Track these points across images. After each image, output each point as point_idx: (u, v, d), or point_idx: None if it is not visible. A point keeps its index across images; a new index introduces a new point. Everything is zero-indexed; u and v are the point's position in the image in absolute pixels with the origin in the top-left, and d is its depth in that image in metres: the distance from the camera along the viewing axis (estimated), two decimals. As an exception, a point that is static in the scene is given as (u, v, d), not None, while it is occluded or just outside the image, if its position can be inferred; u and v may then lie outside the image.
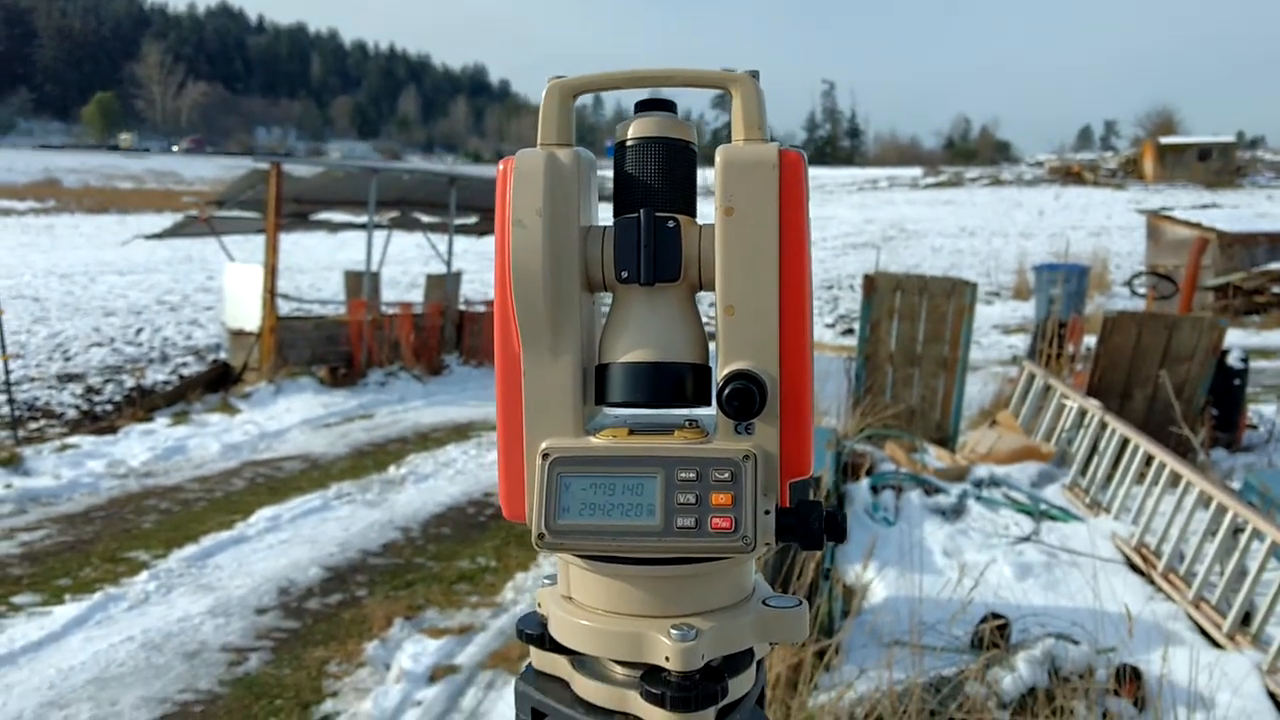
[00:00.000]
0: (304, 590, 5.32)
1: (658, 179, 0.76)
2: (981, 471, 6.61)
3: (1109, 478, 6.27)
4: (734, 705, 0.76)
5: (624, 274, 0.75)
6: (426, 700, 4.12)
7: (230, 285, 11.53)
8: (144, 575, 5.46)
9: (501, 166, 0.75)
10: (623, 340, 0.76)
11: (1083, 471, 6.59)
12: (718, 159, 0.73)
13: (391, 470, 7.94)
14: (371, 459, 8.37)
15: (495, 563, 5.80)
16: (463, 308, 13.68)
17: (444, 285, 13.39)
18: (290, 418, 9.81)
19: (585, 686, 0.78)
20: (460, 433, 9.48)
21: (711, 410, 0.78)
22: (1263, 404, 10.01)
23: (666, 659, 0.72)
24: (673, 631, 0.72)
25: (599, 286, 0.77)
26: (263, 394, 10.50)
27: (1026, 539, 5.48)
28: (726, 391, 0.71)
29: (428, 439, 9.21)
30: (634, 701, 0.75)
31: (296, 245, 25.56)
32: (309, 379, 11.07)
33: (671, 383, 0.75)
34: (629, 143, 0.77)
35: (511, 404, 0.76)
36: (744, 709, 0.77)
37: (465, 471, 7.95)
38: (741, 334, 0.73)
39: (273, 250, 10.98)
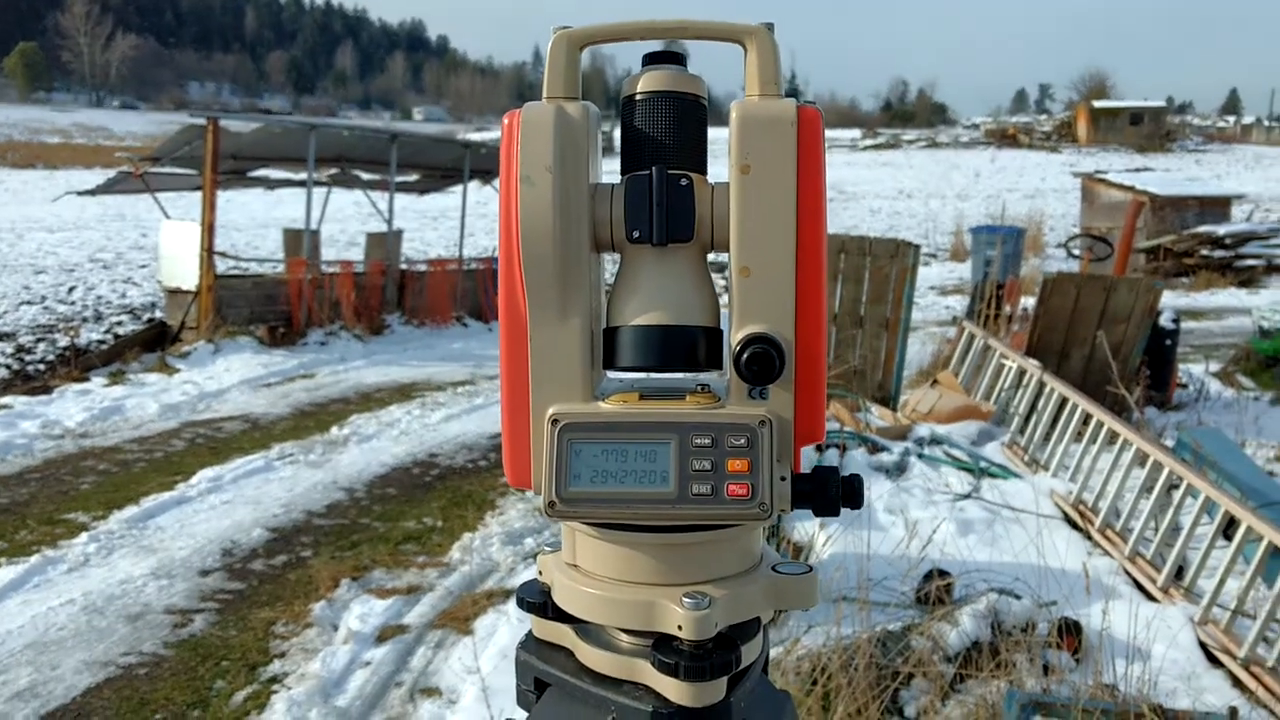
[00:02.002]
0: (248, 551, 5.27)
1: (669, 135, 0.74)
2: (923, 430, 6.70)
3: (1047, 436, 6.39)
4: (743, 673, 0.75)
5: (635, 234, 0.73)
6: (375, 660, 4.10)
7: (166, 243, 11.29)
8: (83, 537, 5.37)
9: (507, 120, 0.72)
10: (633, 302, 0.74)
11: (1021, 430, 6.72)
12: (733, 115, 0.71)
13: (334, 430, 7.86)
14: (313, 419, 8.28)
15: (441, 523, 5.78)
16: (404, 267, 13.54)
17: (385, 244, 13.24)
18: (230, 378, 9.67)
19: (591, 655, 0.77)
20: (403, 393, 9.41)
21: (721, 375, 0.77)
22: (1192, 364, 10.25)
23: (679, 628, 0.71)
24: (685, 600, 0.71)
25: (607, 247, 0.75)
26: (201, 354, 10.33)
27: (968, 496, 5.58)
28: (745, 355, 0.70)
29: (370, 399, 9.13)
30: (643, 670, 0.74)
31: (231, 202, 25.09)
32: (248, 339, 10.91)
33: (684, 346, 0.73)
34: (639, 97, 0.74)
35: (517, 368, 0.74)
36: (752, 676, 0.77)
37: (409, 432, 7.90)
38: (757, 296, 0.72)
39: (210, 207, 10.77)
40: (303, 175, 12.63)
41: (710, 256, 0.77)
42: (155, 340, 10.89)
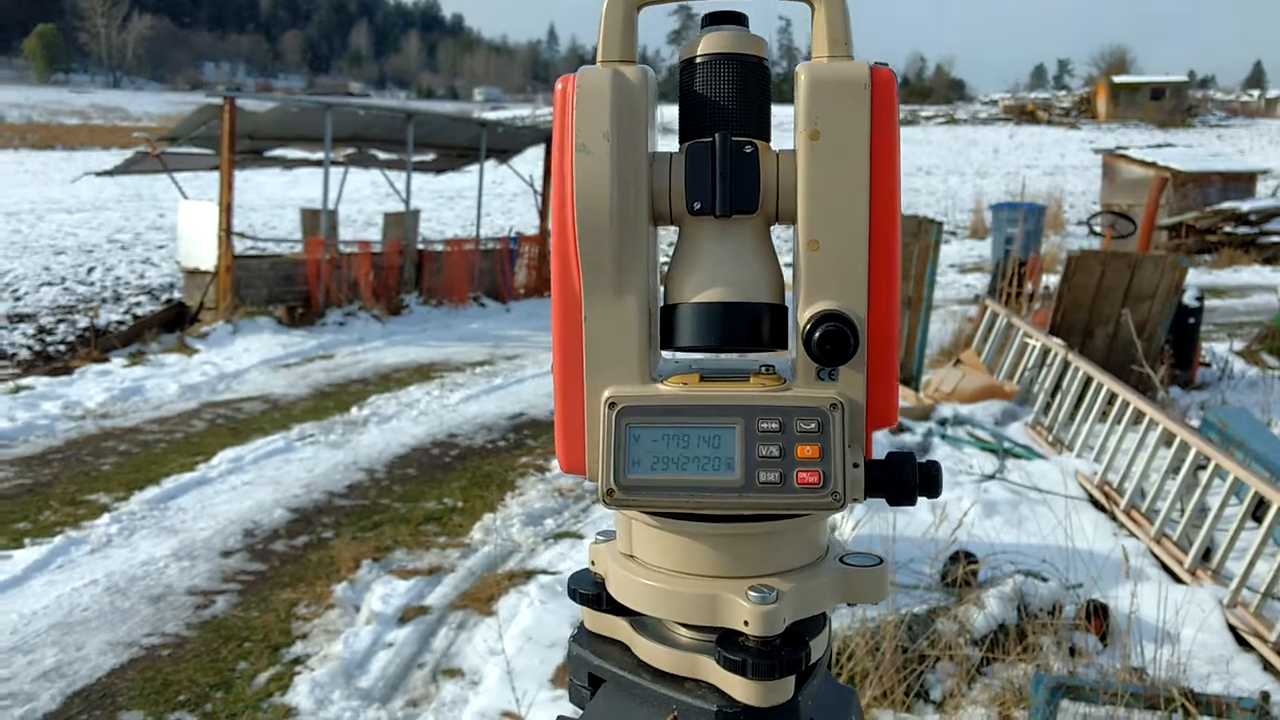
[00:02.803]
0: (269, 532, 5.27)
1: (732, 99, 0.69)
2: (946, 410, 6.65)
3: (1071, 416, 6.33)
4: (811, 670, 0.72)
5: (697, 205, 0.68)
6: (398, 641, 4.10)
7: (184, 223, 11.29)
8: (105, 518, 5.38)
9: (561, 85, 0.68)
10: (693, 278, 0.70)
11: (1045, 410, 6.66)
12: (801, 78, 0.67)
13: (354, 411, 7.86)
14: (333, 400, 8.28)
15: (462, 504, 5.77)
16: (421, 246, 13.51)
17: (402, 223, 13.21)
18: (249, 358, 9.68)
19: (650, 651, 0.73)
20: (422, 373, 9.40)
21: (785, 355, 0.73)
22: (1215, 342, 10.16)
23: (745, 623, 0.67)
24: (751, 594, 0.67)
25: (665, 219, 0.71)
26: (220, 334, 10.34)
27: (991, 477, 5.54)
28: (818, 334, 0.65)
29: (389, 380, 9.12)
30: (706, 668, 0.70)
31: (248, 183, 25.11)
32: (267, 319, 10.92)
33: (747, 324, 0.69)
34: (699, 60, 0.70)
35: (570, 347, 0.70)
36: (819, 673, 0.73)
37: (429, 412, 7.89)
38: (827, 271, 0.67)
39: (227, 187, 10.76)
40: (319, 155, 12.60)
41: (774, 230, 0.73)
42: (174, 321, 10.92)
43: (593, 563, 0.80)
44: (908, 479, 0.69)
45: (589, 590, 0.77)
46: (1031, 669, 3.36)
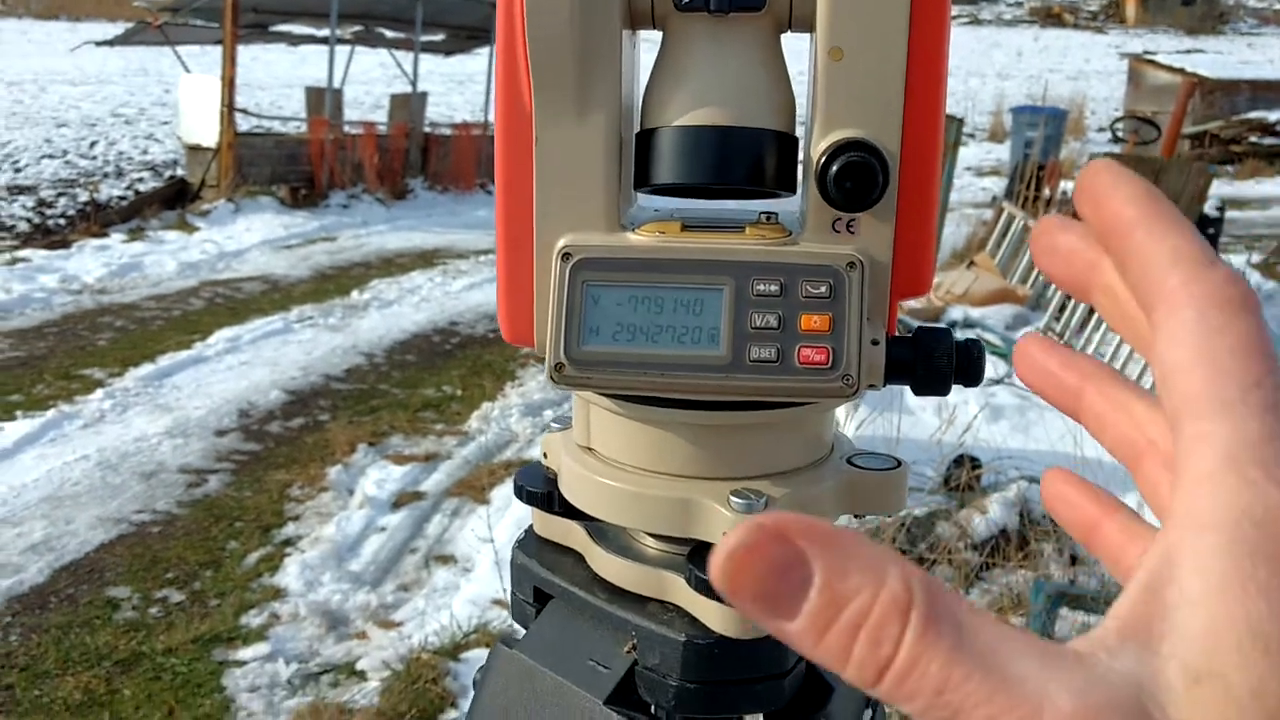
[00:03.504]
0: (265, 413, 5.21)
1: None
2: (956, 313, 6.54)
3: (1084, 323, 6.21)
4: None
5: None
6: (390, 526, 4.06)
7: (186, 98, 11.05)
8: (99, 394, 5.31)
9: None
10: (679, 95, 0.56)
11: (1057, 317, 6.54)
12: None
13: (354, 295, 7.75)
14: (334, 283, 8.17)
15: (461, 391, 5.70)
16: (428, 130, 13.25)
17: (409, 106, 12.94)
18: (250, 237, 9.54)
19: (608, 564, 0.62)
20: (425, 259, 9.27)
21: (790, 201, 0.59)
22: (1233, 254, 9.97)
23: (724, 535, 0.55)
24: (734, 499, 0.55)
25: (645, 18, 0.56)
26: (221, 212, 10.19)
27: (999, 381, 5.44)
28: (836, 167, 0.52)
29: (392, 264, 9.00)
30: (674, 587, 0.59)
31: (255, 61, 24.67)
32: (269, 198, 10.75)
33: (747, 156, 0.55)
34: None
35: (517, 183, 0.57)
36: None
37: (430, 299, 7.78)
38: (852, 87, 0.53)
39: (230, 61, 10.48)
40: (325, 32, 12.28)
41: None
42: (175, 198, 10.74)
43: (544, 455, 0.68)
44: (940, 361, 0.55)
45: (538, 488, 0.65)
46: (1031, 576, 3.30)
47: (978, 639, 0.27)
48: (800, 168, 0.57)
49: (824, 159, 0.53)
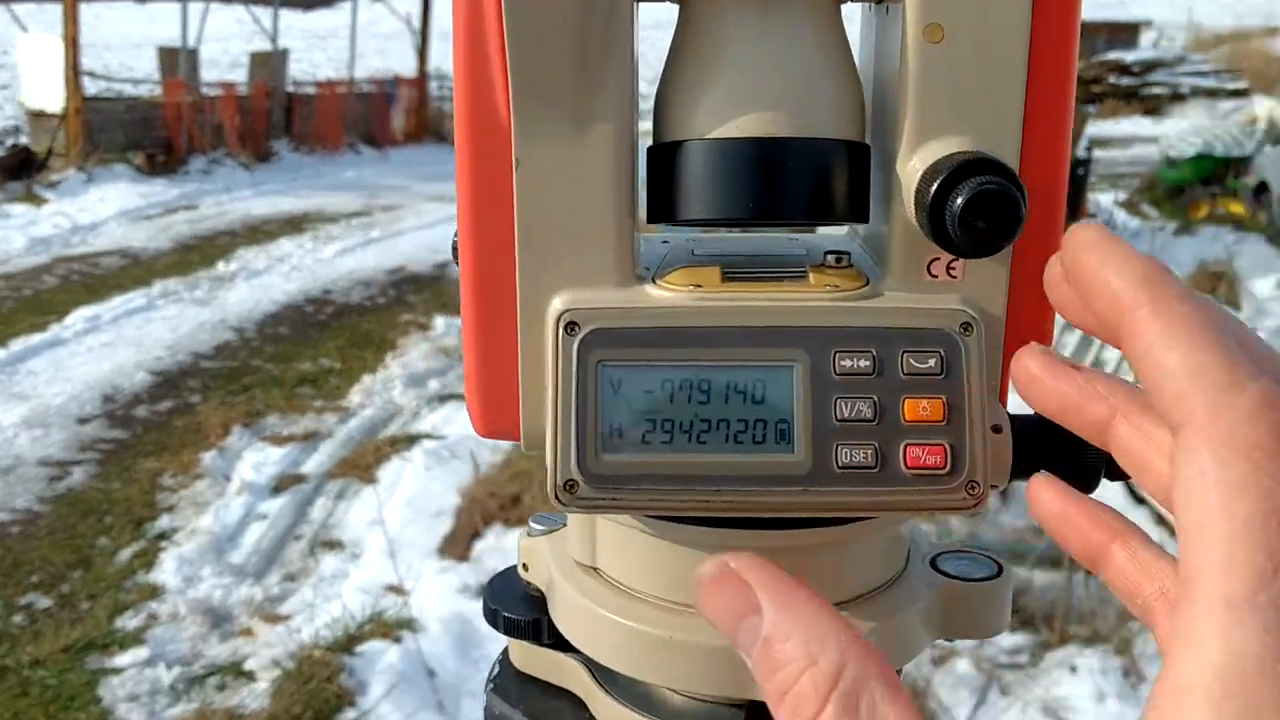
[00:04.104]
0: (130, 397, 4.94)
1: None
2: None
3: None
4: None
5: None
6: (272, 512, 3.88)
7: (25, 59, 10.43)
8: (-54, 384, 4.97)
9: None
10: (710, 95, 0.42)
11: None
12: None
13: (220, 266, 7.42)
14: (198, 254, 7.81)
15: (339, 364, 5.49)
16: (291, 90, 12.79)
17: (270, 64, 12.47)
18: (105, 209, 9.07)
19: (620, 718, 0.47)
20: (294, 225, 8.94)
21: (848, 232, 0.47)
22: (1099, 193, 10.25)
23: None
24: None
25: None
26: (72, 182, 9.66)
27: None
28: (962, 199, 0.37)
29: (259, 232, 8.65)
30: None
31: (99, 19, 23.47)
32: (124, 166, 10.25)
33: (812, 177, 0.41)
34: None
35: (489, 225, 0.42)
36: None
37: (302, 267, 7.50)
38: (957, 80, 0.40)
39: (72, 20, 9.90)
40: (175, -12, 11.71)
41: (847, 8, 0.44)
42: (20, 168, 10.14)
43: (524, 565, 0.53)
44: (1089, 452, 0.41)
45: (520, 614, 0.51)
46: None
47: None
48: (873, 186, 0.44)
49: (935, 184, 0.39)
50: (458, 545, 3.52)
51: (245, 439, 4.49)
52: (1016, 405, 0.43)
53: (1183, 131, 12.55)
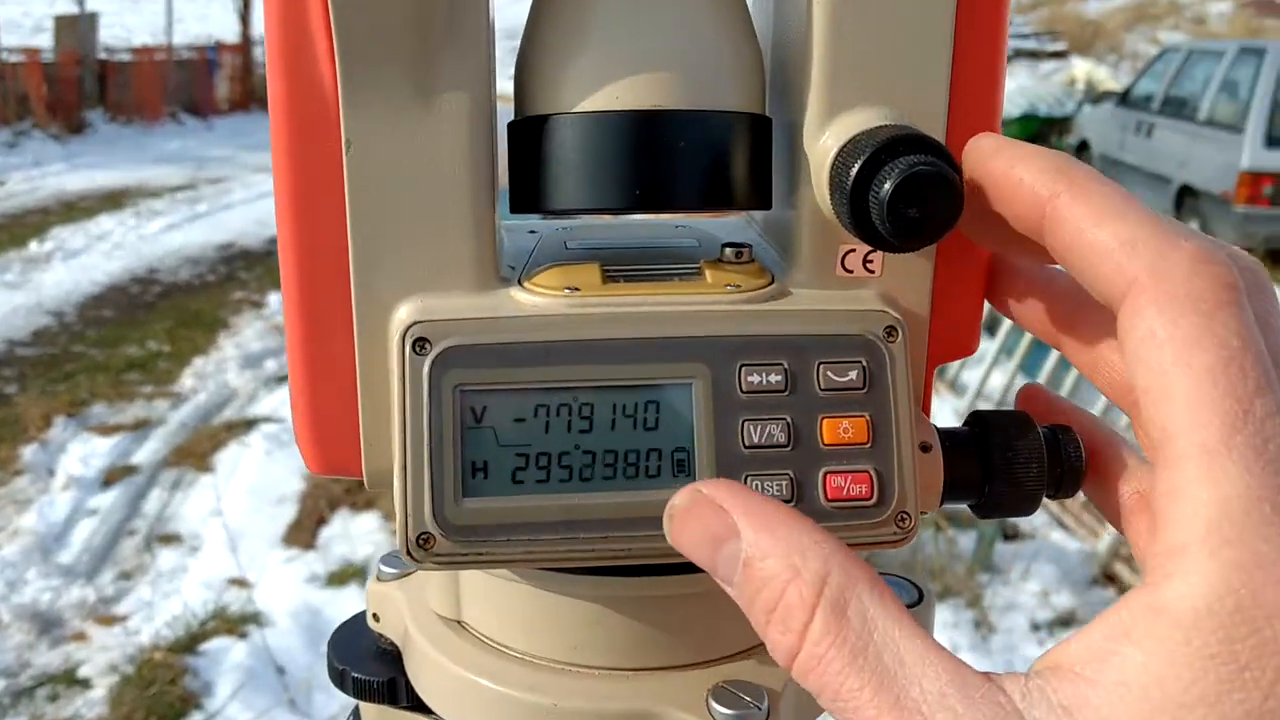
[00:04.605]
0: (-62, 390, 4.62)
1: None
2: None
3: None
4: None
5: None
6: (102, 508, 3.68)
7: None
8: None
9: None
10: (582, 59, 0.36)
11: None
12: None
13: (33, 246, 6.99)
14: (7, 233, 7.35)
15: (168, 347, 5.24)
16: (104, 56, 12.14)
17: (77, 28, 11.80)
18: (-101, 187, 8.45)
19: None
20: (114, 200, 8.50)
21: (733, 220, 0.42)
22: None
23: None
24: (716, 707, 0.37)
25: None
26: None
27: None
28: (892, 183, 0.32)
29: (75, 208, 8.19)
30: None
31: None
32: (-82, 140, 9.56)
33: (701, 158, 0.36)
34: None
35: (317, 221, 0.35)
36: None
37: (124, 245, 7.13)
38: (878, 43, 0.35)
39: None
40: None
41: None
42: None
43: (374, 615, 0.47)
44: (1027, 470, 0.37)
45: (372, 674, 0.45)
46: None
47: (885, 650, 0.27)
48: (775, 166, 0.38)
49: (856, 165, 0.33)
50: (303, 533, 3.41)
51: (69, 430, 4.25)
52: (938, 418, 0.39)
53: (1009, 93, 13.01)
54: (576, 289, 0.36)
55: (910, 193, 0.32)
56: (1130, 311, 0.27)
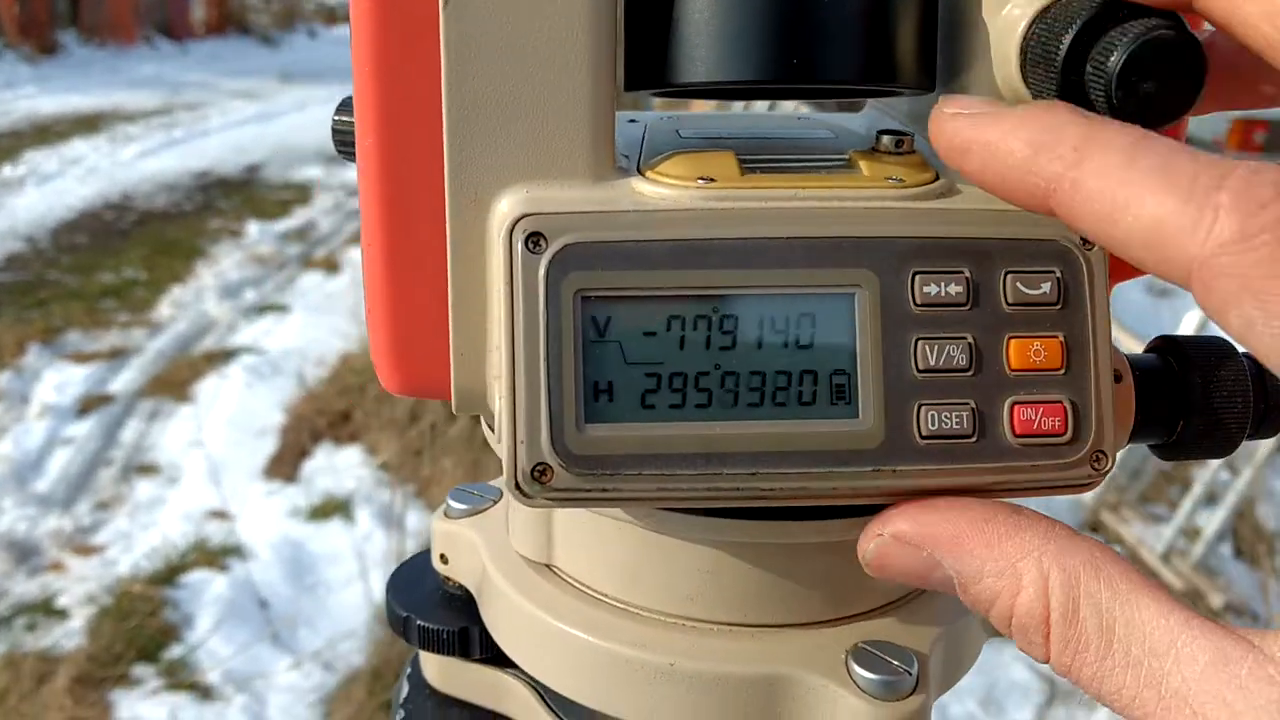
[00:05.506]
0: (-92, 315, 4.52)
1: None
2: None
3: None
4: None
5: None
6: (79, 437, 3.61)
7: None
8: None
9: None
10: None
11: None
12: None
13: (5, 170, 6.84)
14: (-22, 156, 7.18)
15: (145, 275, 5.14)
16: (75, -25, 11.83)
17: (49, -53, 11.46)
18: None
19: None
20: (88, 124, 8.31)
21: (864, 116, 0.36)
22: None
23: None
24: (859, 671, 0.32)
25: None
26: None
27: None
28: (1128, 51, 0.26)
29: (48, 132, 8.00)
30: None
31: None
32: (-115, 58, 9.31)
33: (864, 21, 0.30)
34: None
35: (404, 93, 0.30)
36: None
37: (98, 170, 6.98)
38: None
39: None
40: None
41: None
42: None
43: (442, 557, 0.41)
44: (1230, 405, 0.32)
45: (441, 622, 0.40)
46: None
47: (1132, 642, 0.25)
48: (943, 41, 0.32)
49: (1071, 32, 0.27)
50: (285, 466, 3.36)
51: (44, 358, 4.17)
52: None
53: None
54: (712, 179, 0.30)
55: (1147, 64, 0.27)
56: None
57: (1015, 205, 0.27)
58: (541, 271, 0.29)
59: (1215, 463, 2.58)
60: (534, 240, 0.29)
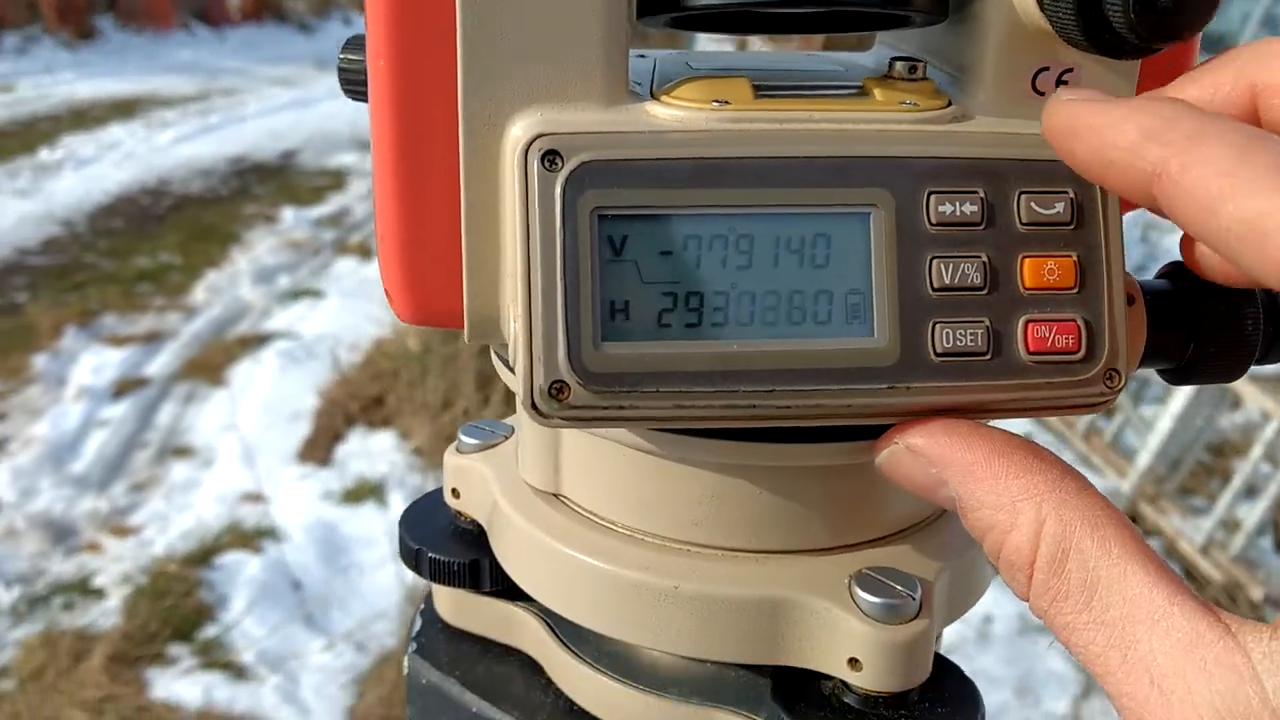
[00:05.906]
0: (-52, 297, 4.57)
1: None
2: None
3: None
4: None
5: None
6: (114, 419, 3.64)
7: None
8: None
9: None
10: None
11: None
12: None
13: (44, 154, 6.89)
14: (18, 140, 7.24)
15: (181, 260, 5.18)
16: (113, -38, 11.91)
17: (88, -66, 11.55)
18: (-92, 90, 8.33)
19: (590, 687, 0.37)
20: (125, 109, 8.36)
21: (872, 54, 0.36)
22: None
23: (853, 662, 0.32)
24: (862, 595, 0.32)
25: None
26: None
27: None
28: None
29: (85, 117, 8.06)
30: None
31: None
32: (-73, 43, 9.41)
33: None
34: None
35: (412, 18, 0.29)
36: None
37: (135, 155, 7.03)
38: None
39: None
40: None
41: None
42: None
43: (454, 491, 0.41)
44: (1243, 325, 0.32)
45: (451, 554, 0.40)
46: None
47: (1111, 604, 0.25)
48: None
49: None
50: (318, 449, 3.38)
51: (80, 340, 4.21)
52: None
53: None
54: (726, 102, 0.30)
55: None
56: None
57: (1114, 193, 0.27)
58: (558, 189, 0.29)
59: (1255, 455, 2.55)
60: (550, 158, 0.29)
